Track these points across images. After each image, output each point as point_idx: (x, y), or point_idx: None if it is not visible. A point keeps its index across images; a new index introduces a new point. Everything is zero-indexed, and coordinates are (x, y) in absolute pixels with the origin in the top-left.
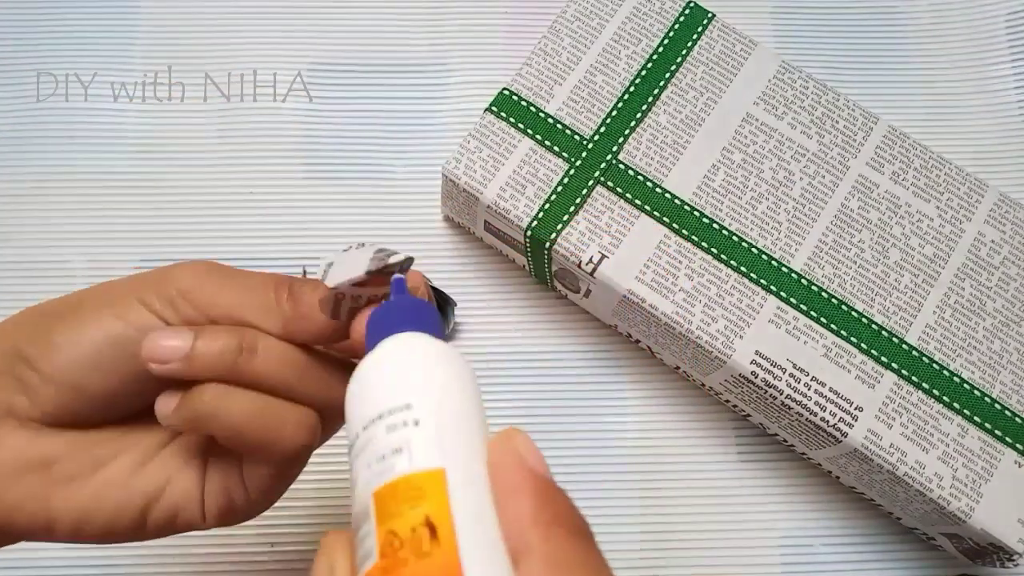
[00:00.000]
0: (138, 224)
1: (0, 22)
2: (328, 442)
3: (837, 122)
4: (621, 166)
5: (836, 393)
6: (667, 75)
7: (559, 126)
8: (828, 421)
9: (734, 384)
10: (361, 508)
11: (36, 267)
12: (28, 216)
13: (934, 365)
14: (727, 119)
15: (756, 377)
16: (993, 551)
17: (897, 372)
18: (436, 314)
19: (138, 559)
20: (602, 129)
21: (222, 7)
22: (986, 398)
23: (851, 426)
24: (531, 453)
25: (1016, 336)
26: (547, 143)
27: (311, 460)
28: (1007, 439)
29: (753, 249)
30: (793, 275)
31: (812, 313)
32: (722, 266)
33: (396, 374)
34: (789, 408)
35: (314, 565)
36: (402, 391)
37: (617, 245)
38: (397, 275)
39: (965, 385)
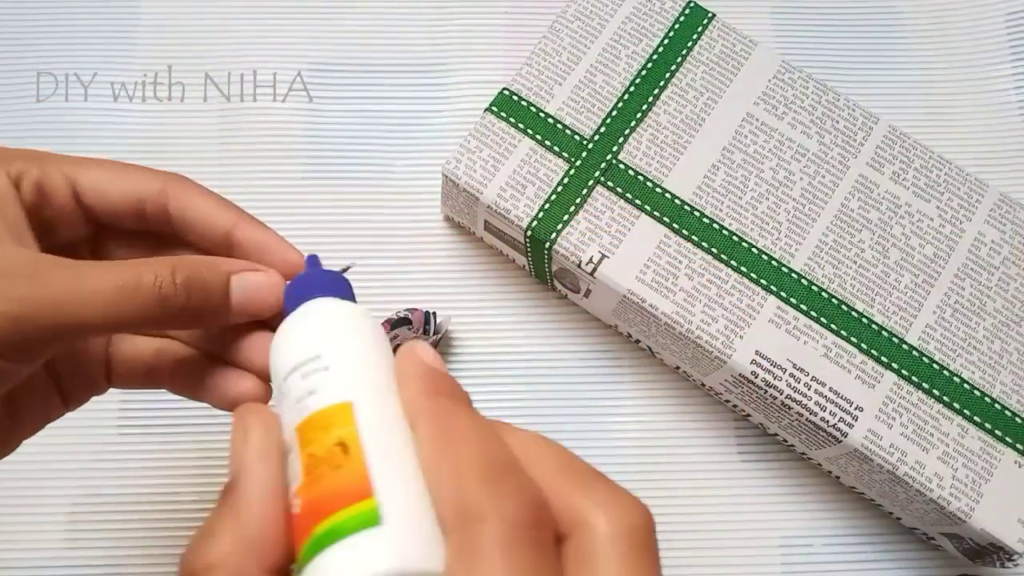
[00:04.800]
0: None
1: (0, 22)
2: None
3: (837, 122)
4: (621, 166)
5: (836, 393)
6: (667, 75)
7: (559, 126)
8: (828, 421)
9: (734, 384)
10: (288, 444)
11: None
12: None
13: (934, 365)
14: (727, 119)
15: (756, 377)
16: (993, 551)
17: (897, 372)
18: (344, 281)
19: (138, 559)
20: (602, 129)
21: (222, 7)
22: (986, 398)
23: (851, 426)
24: (426, 353)
25: (1016, 336)
26: (547, 143)
27: None
28: (1007, 439)
29: (753, 249)
30: (793, 275)
31: (812, 313)
32: (722, 266)
33: (307, 331)
34: (789, 408)
35: (231, 435)
36: (313, 345)
37: (617, 245)
38: (310, 254)
39: (965, 385)
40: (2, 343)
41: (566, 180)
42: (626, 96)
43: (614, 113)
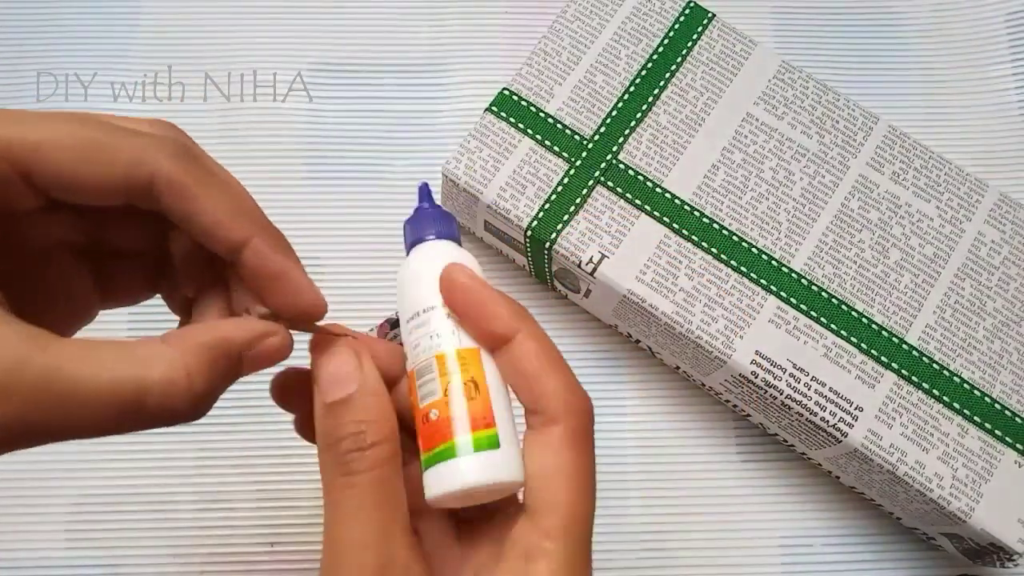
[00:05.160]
0: None
1: (0, 22)
2: None
3: (837, 122)
4: (621, 166)
5: (836, 393)
6: (667, 75)
7: (559, 126)
8: (828, 421)
9: (734, 384)
10: (425, 365)
11: None
12: None
13: (934, 365)
14: (727, 119)
15: (756, 377)
16: (993, 551)
17: (897, 372)
18: (453, 219)
19: (138, 559)
20: (602, 129)
21: (222, 7)
22: (986, 398)
23: (851, 426)
24: (474, 274)
25: (1016, 336)
26: (547, 143)
27: (310, 462)
28: (1007, 439)
29: (753, 249)
30: (793, 275)
31: (812, 313)
32: (722, 266)
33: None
34: (789, 408)
35: (332, 358)
36: None
37: (617, 245)
38: (423, 182)
39: (965, 385)
40: None
41: (566, 180)
42: (626, 96)
43: (614, 113)
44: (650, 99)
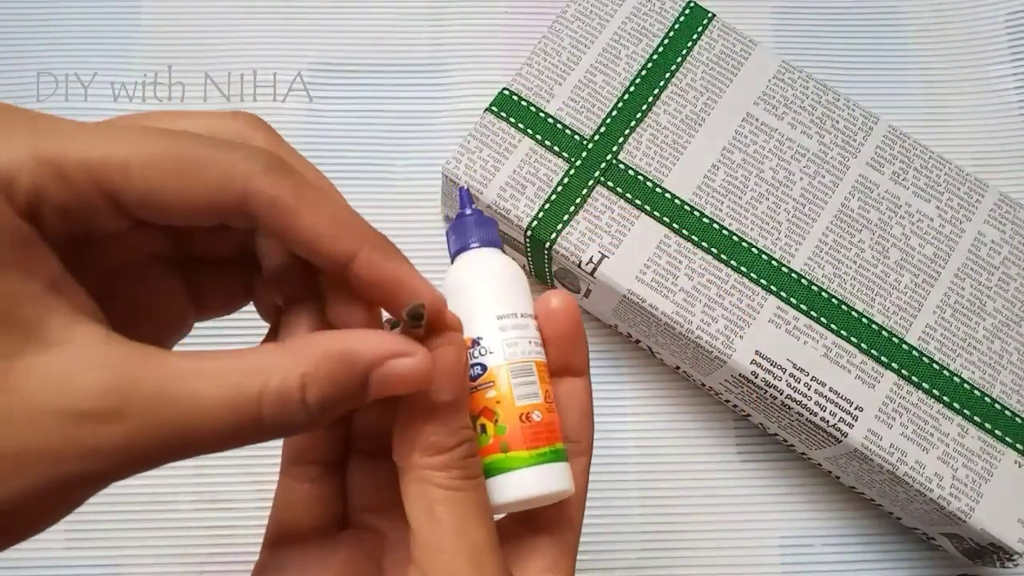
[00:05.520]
0: None
1: (0, 22)
2: None
3: (837, 122)
4: (621, 166)
5: (836, 393)
6: (667, 75)
7: (559, 126)
8: (828, 421)
9: (734, 384)
10: (526, 367)
11: None
12: None
13: (934, 365)
14: (727, 119)
15: (756, 377)
16: (993, 551)
17: (897, 372)
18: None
19: (138, 559)
20: (602, 129)
21: (222, 7)
22: (986, 398)
23: (851, 426)
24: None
25: (1016, 336)
26: (547, 143)
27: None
28: (1007, 439)
29: (753, 249)
30: (793, 275)
31: (812, 313)
32: (722, 266)
33: (523, 287)
34: (789, 408)
35: (456, 352)
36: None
37: (617, 245)
38: (462, 187)
39: (965, 385)
40: (107, 476)
41: (566, 180)
42: (626, 96)
43: (614, 113)
44: (650, 99)
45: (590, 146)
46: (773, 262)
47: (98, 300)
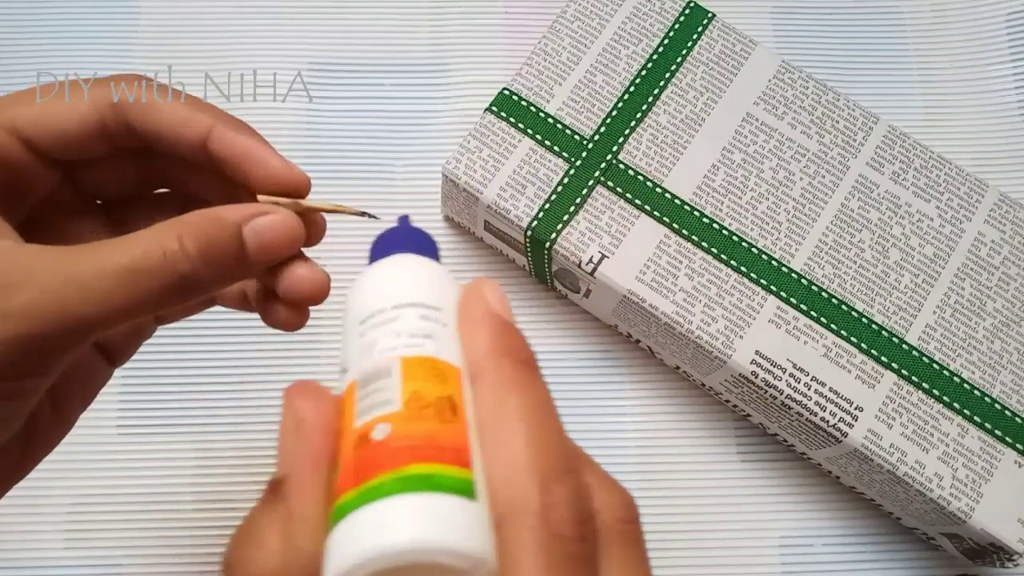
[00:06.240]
0: None
1: (0, 22)
2: None
3: (837, 122)
4: (621, 166)
5: (836, 393)
6: (667, 75)
7: (559, 126)
8: (828, 421)
9: (734, 384)
10: (380, 368)
11: None
12: None
13: (934, 365)
14: (727, 119)
15: (756, 377)
16: (993, 551)
17: (897, 372)
18: (436, 246)
19: (138, 559)
20: (602, 129)
21: (222, 7)
22: (986, 398)
23: (851, 426)
24: (495, 297)
25: (1016, 336)
26: (547, 143)
27: None
28: (1007, 439)
29: (753, 249)
30: (793, 275)
31: (812, 313)
32: (722, 266)
33: (426, 280)
34: (789, 408)
35: (281, 419)
36: (434, 296)
37: (617, 245)
38: (403, 215)
39: (965, 385)
40: (10, 367)
41: (566, 180)
42: (626, 96)
43: (614, 113)
44: (650, 99)
45: (590, 146)
46: (773, 262)
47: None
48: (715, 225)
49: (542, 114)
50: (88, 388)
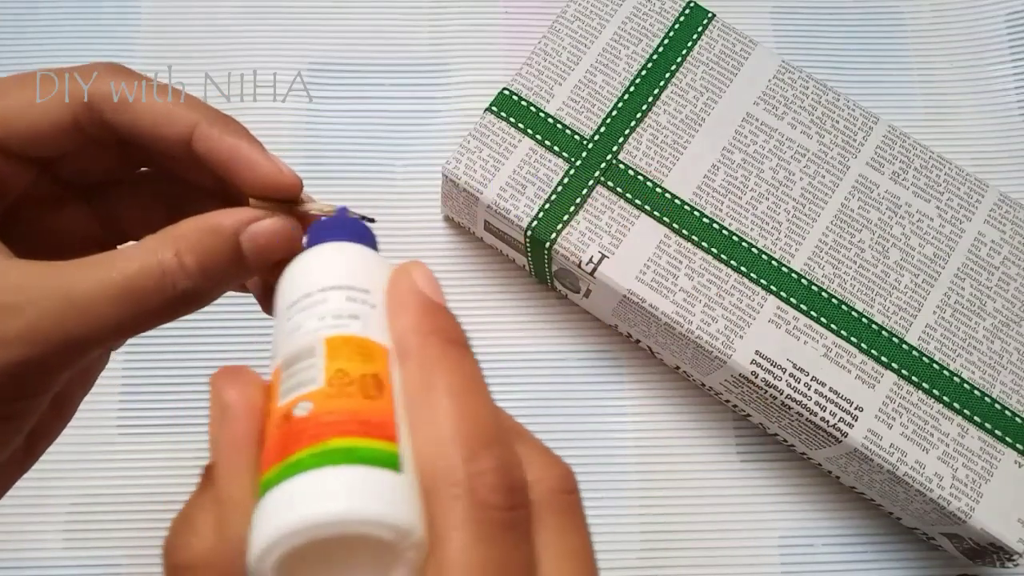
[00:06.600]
0: None
1: (0, 22)
2: None
3: (837, 122)
4: (621, 166)
5: (836, 393)
6: (667, 75)
7: (559, 126)
8: (828, 421)
9: (734, 384)
10: (304, 348)
11: None
12: None
13: (934, 365)
14: (727, 119)
15: (756, 377)
16: (993, 551)
17: (897, 372)
18: (373, 237)
19: (138, 559)
20: (602, 129)
21: (222, 7)
22: (986, 398)
23: (851, 426)
24: (422, 278)
25: (1016, 336)
26: (547, 143)
27: None
28: (1007, 439)
29: (753, 249)
30: (793, 275)
31: (812, 313)
32: (722, 266)
33: (357, 264)
34: (789, 408)
35: (209, 406)
36: (368, 278)
37: (617, 245)
38: (341, 205)
39: (965, 385)
40: (11, 390)
41: (566, 180)
42: (626, 96)
43: (614, 113)
44: (650, 99)
45: (590, 146)
46: (773, 262)
47: (13, 241)
48: (715, 225)
49: (542, 114)
50: (87, 376)
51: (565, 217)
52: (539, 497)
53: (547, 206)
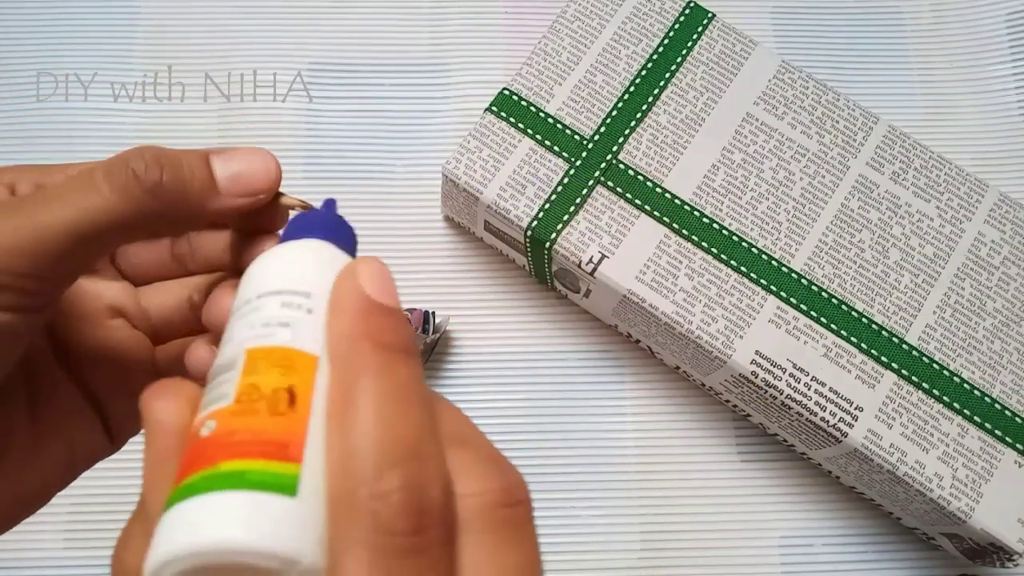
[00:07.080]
0: None
1: (0, 22)
2: None
3: (837, 122)
4: (621, 166)
5: (836, 393)
6: (667, 75)
7: (559, 126)
8: (828, 421)
9: (734, 384)
10: (227, 360)
11: None
12: None
13: (934, 365)
14: (727, 119)
15: (756, 377)
16: (993, 551)
17: (897, 372)
18: (352, 234)
19: None
20: (602, 129)
21: (222, 7)
22: (986, 398)
23: (851, 426)
24: (369, 276)
25: (1016, 336)
26: (547, 143)
27: None
28: (1007, 439)
29: (753, 249)
30: (793, 275)
31: (812, 313)
32: (722, 266)
33: (307, 264)
34: (789, 408)
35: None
36: (308, 281)
37: (617, 245)
38: (329, 198)
39: (965, 385)
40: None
41: (566, 180)
42: (626, 96)
43: (614, 113)
44: (650, 99)
45: (590, 146)
46: (773, 262)
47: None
48: (715, 225)
49: (542, 114)
50: (86, 455)
51: (565, 217)
52: (471, 514)
53: (547, 206)
